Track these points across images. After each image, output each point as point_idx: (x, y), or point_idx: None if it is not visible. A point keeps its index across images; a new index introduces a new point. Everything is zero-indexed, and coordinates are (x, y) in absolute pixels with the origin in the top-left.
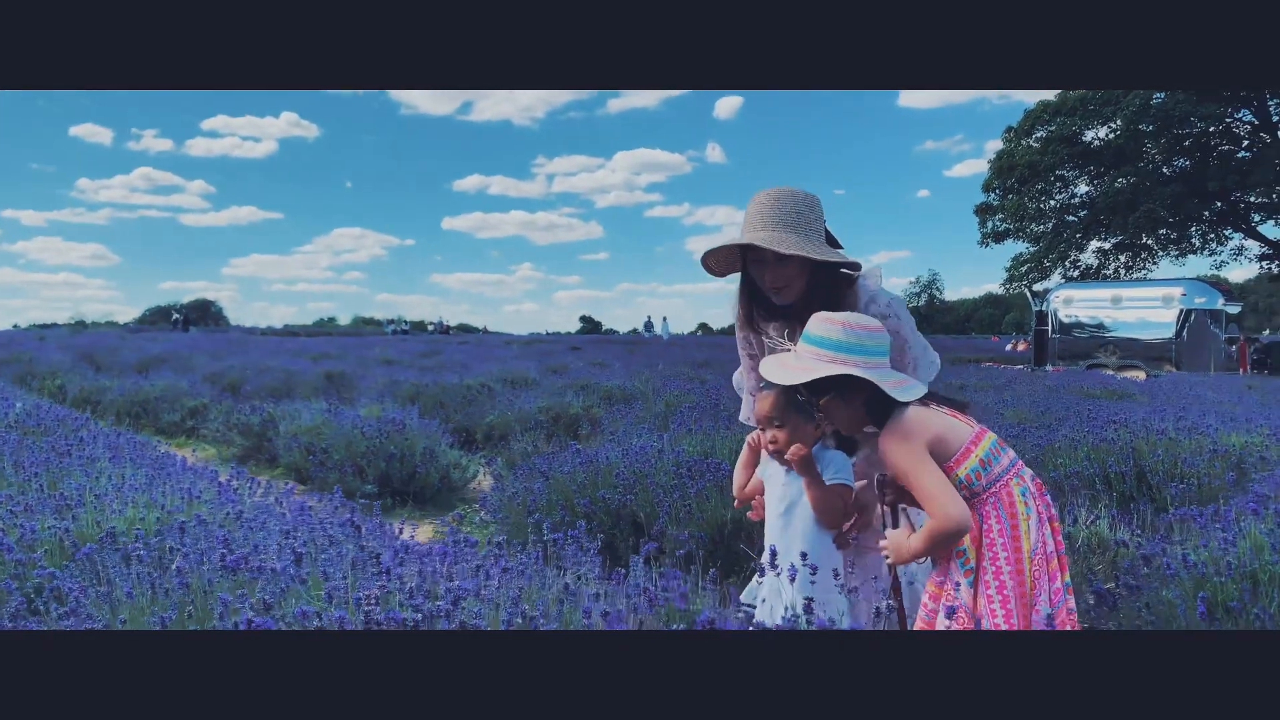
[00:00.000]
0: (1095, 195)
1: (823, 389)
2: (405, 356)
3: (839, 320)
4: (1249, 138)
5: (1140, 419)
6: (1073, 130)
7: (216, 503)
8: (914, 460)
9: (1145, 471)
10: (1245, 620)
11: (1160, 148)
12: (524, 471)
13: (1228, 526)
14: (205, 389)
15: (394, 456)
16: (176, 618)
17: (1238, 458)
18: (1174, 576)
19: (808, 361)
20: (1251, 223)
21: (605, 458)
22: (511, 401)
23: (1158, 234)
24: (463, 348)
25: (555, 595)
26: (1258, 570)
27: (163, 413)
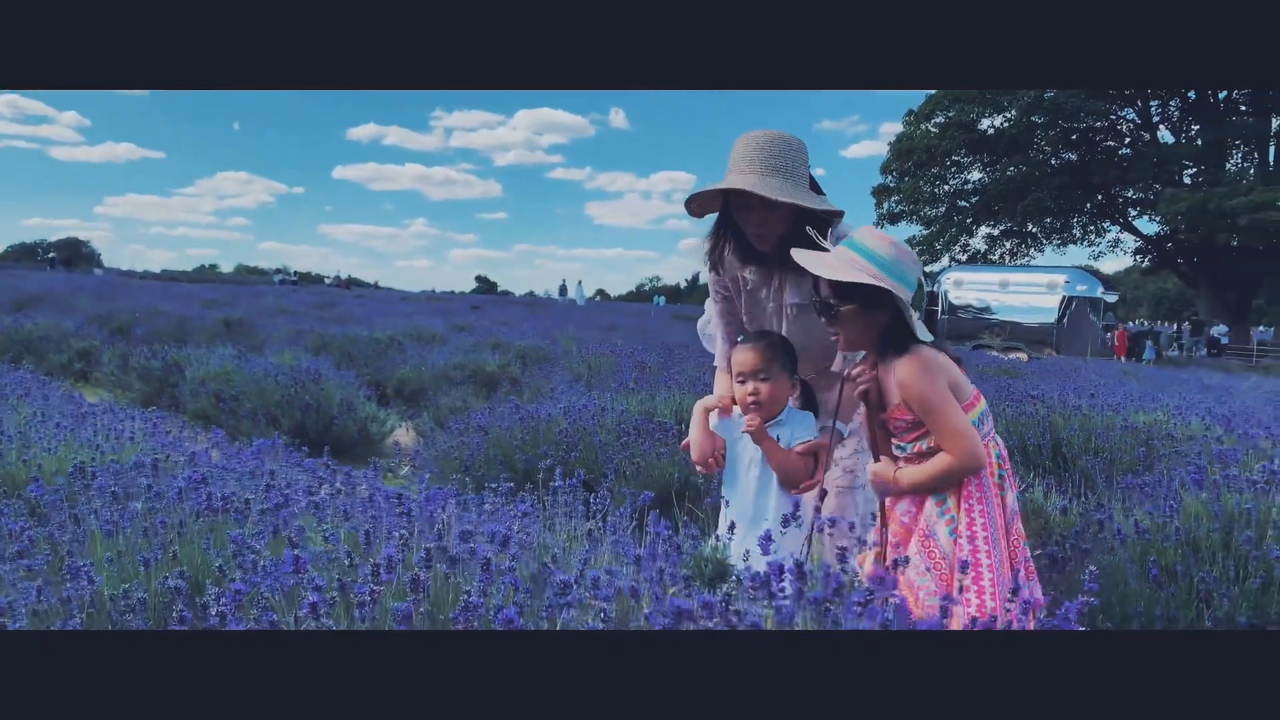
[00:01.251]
0: (987, 182)
1: (849, 296)
2: (300, 307)
3: (891, 240)
4: (1131, 135)
5: (1056, 396)
6: (970, 117)
7: (151, 445)
8: (941, 394)
9: (1061, 444)
10: (1189, 583)
11: (1050, 140)
12: (459, 427)
13: (1170, 495)
14: (94, 331)
15: (310, 406)
16: (161, 558)
17: (1146, 434)
18: (1122, 541)
19: (848, 266)
20: (1128, 217)
21: (545, 414)
22: (423, 357)
23: (1043, 223)
24: (359, 301)
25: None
26: (1199, 537)
27: (48, 353)
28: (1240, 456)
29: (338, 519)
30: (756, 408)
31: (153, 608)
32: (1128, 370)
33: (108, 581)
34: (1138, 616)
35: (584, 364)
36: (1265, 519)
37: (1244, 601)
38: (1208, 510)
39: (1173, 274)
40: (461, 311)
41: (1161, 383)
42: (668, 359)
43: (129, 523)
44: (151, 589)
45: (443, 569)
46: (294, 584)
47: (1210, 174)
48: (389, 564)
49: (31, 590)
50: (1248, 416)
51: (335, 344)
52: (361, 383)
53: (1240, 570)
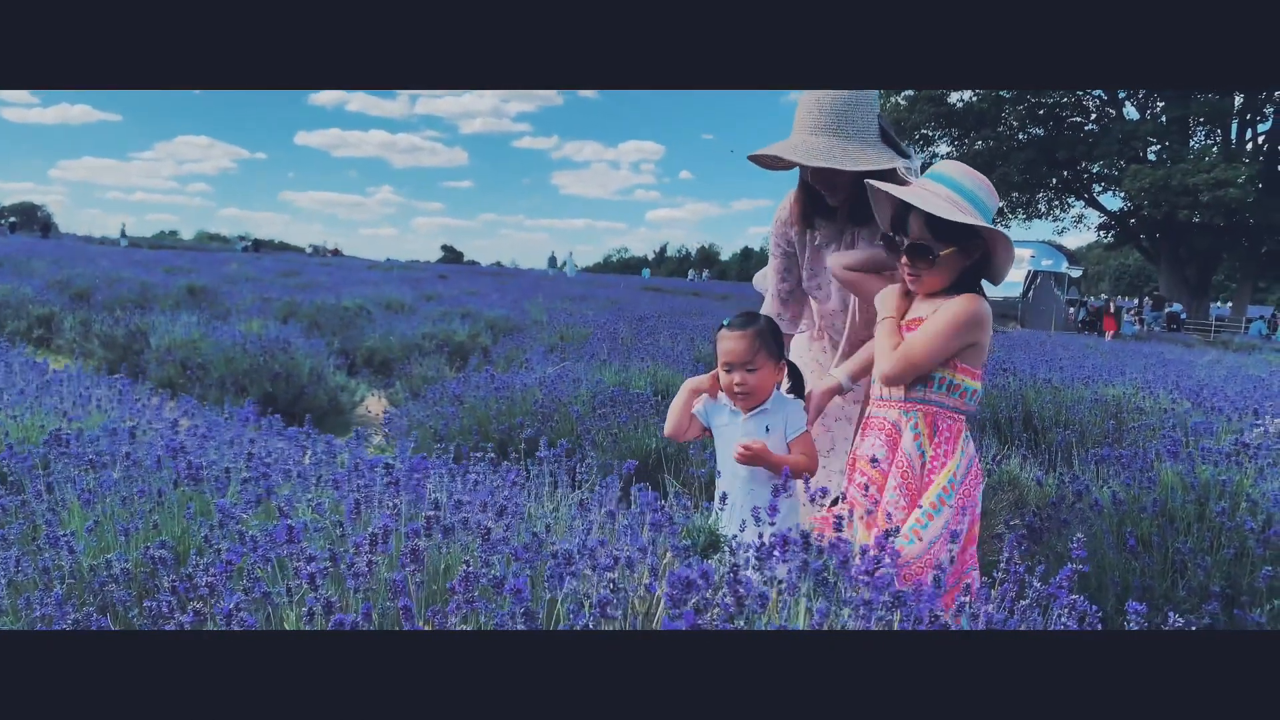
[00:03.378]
0: (955, 156)
1: (949, 238)
2: (266, 275)
3: (974, 172)
4: (1097, 112)
5: (1027, 369)
6: (939, 91)
7: (120, 413)
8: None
9: (1033, 417)
10: (1164, 553)
11: (1017, 115)
12: (433, 396)
13: (1146, 467)
14: (53, 296)
15: (279, 375)
16: (142, 527)
17: (1116, 407)
18: (1100, 512)
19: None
20: (1093, 192)
21: (521, 384)
22: (392, 326)
23: (1010, 197)
24: (325, 269)
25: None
26: (1174, 508)
27: (7, 320)
28: (1214, 429)
29: (324, 488)
30: (742, 397)
31: (135, 578)
32: (1090, 345)
33: (88, 551)
34: (1115, 586)
35: (556, 334)
36: (1239, 491)
37: (1217, 571)
38: (1183, 482)
39: (1135, 249)
40: (429, 280)
41: (1124, 357)
42: (640, 329)
43: (107, 491)
44: (133, 559)
45: (439, 537)
46: (286, 554)
47: (1173, 151)
48: (384, 534)
49: (10, 560)
50: (1214, 390)
51: (303, 312)
52: (330, 352)
53: (1215, 541)
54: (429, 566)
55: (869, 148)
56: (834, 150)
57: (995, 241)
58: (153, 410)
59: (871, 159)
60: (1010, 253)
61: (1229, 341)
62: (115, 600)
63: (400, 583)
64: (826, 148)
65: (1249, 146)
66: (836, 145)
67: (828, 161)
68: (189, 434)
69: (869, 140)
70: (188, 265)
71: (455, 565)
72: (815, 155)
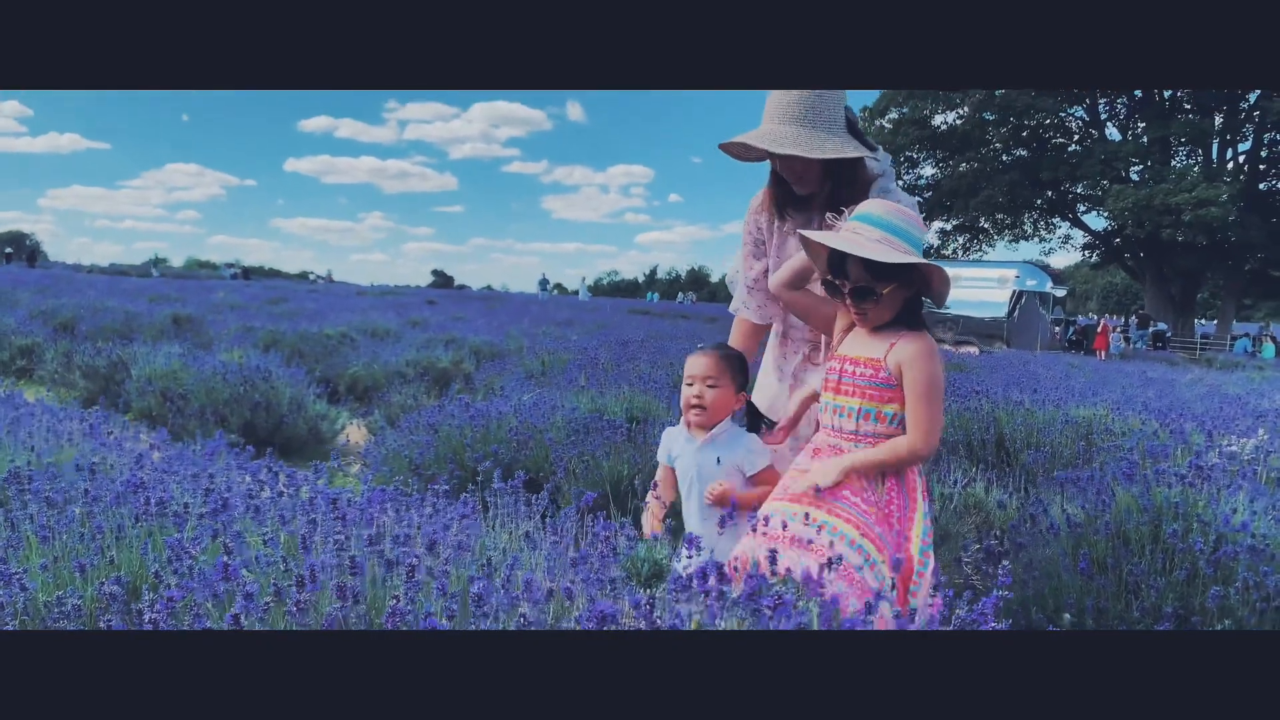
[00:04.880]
0: (940, 178)
1: (888, 277)
2: (253, 302)
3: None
4: (1080, 133)
5: (1000, 391)
6: (923, 114)
7: (90, 446)
8: (941, 384)
9: (1005, 439)
10: (1119, 575)
11: (1001, 137)
12: (409, 425)
13: (1103, 490)
14: (36, 327)
15: (259, 405)
16: (98, 563)
17: (1087, 428)
18: (1055, 535)
19: (885, 247)
20: (1077, 213)
21: (496, 412)
22: (375, 353)
23: (995, 218)
24: (312, 295)
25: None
26: (1129, 530)
27: None
28: (1170, 451)
29: (275, 523)
30: (698, 412)
31: (89, 614)
32: (1075, 364)
33: (42, 588)
34: (1069, 608)
35: (538, 361)
36: (1191, 513)
37: (1170, 593)
38: (1138, 504)
39: (1120, 269)
40: (416, 306)
41: (1106, 376)
42: (621, 355)
43: (64, 527)
44: (88, 595)
45: (381, 573)
46: (226, 590)
47: (1155, 171)
48: (312, 573)
49: None
50: (1183, 410)
51: (286, 341)
52: (312, 380)
53: (1168, 562)
54: (371, 600)
55: (835, 136)
56: (800, 138)
57: (931, 272)
58: (121, 444)
59: (838, 147)
60: (946, 279)
61: (1213, 359)
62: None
63: (336, 617)
64: (794, 136)
65: (1230, 166)
66: (803, 134)
67: (795, 149)
68: (154, 468)
69: (835, 130)
70: (174, 294)
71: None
72: (783, 143)
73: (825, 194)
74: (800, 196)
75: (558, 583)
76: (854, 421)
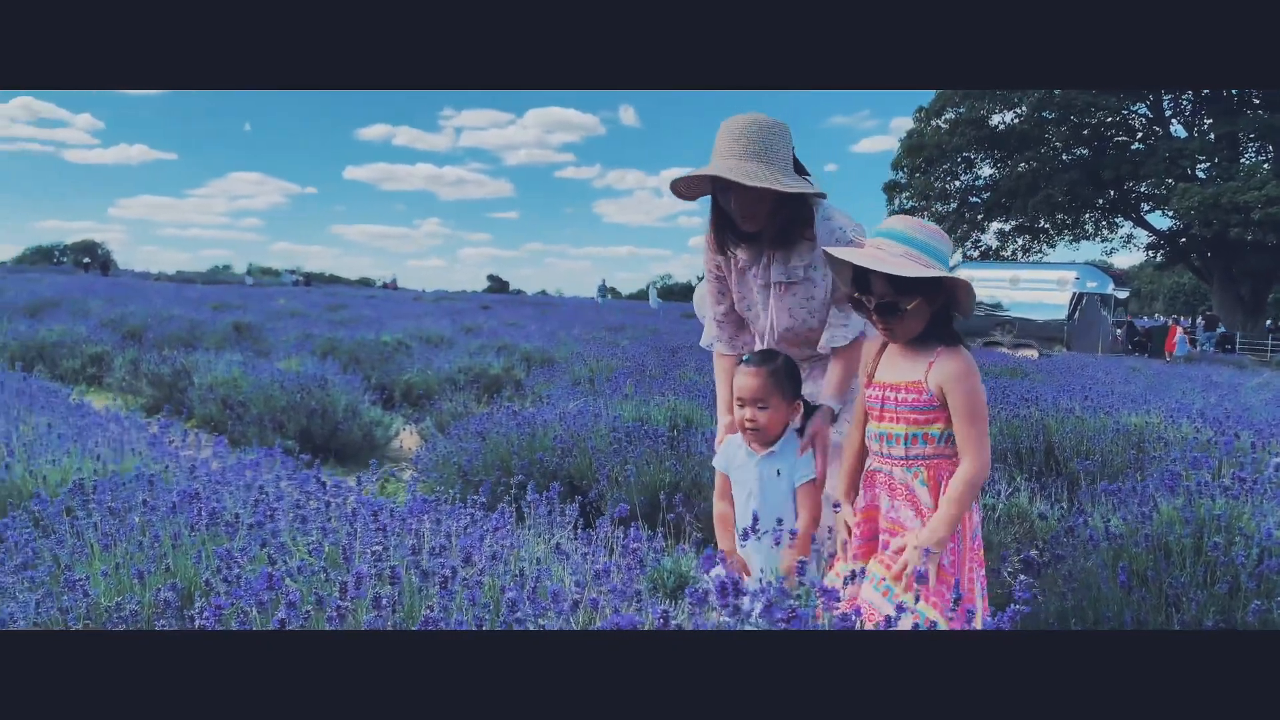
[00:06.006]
0: (998, 178)
1: (912, 291)
2: (312, 309)
3: (923, 223)
4: (1143, 130)
5: (1050, 398)
6: (980, 114)
7: (152, 455)
8: (982, 399)
9: (1054, 448)
10: (1158, 588)
11: (1061, 135)
12: (458, 432)
13: (1144, 501)
14: (106, 335)
15: (315, 412)
16: (155, 570)
17: (1138, 437)
18: (1095, 546)
19: (907, 261)
20: (1141, 212)
21: (542, 420)
22: (429, 360)
23: (1055, 218)
24: (370, 302)
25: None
26: (1170, 542)
27: (61, 359)
28: (1213, 463)
29: (319, 534)
30: (753, 434)
31: (146, 619)
32: (1137, 367)
33: (104, 593)
34: (1108, 620)
35: (586, 368)
36: (1233, 525)
37: (1211, 606)
38: (1180, 516)
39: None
40: (471, 312)
41: (1168, 380)
42: (669, 362)
43: (125, 536)
44: (145, 601)
45: (417, 582)
46: (270, 598)
47: (1223, 168)
48: (357, 581)
49: (31, 602)
50: (1241, 418)
51: (343, 348)
52: (367, 387)
53: (1209, 575)
54: (408, 608)
55: (789, 173)
56: (764, 173)
57: (956, 285)
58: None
59: (799, 183)
60: (971, 291)
61: None
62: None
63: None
64: (760, 172)
65: None
66: (764, 169)
67: (767, 183)
68: (209, 478)
69: (786, 166)
70: (236, 301)
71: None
72: (754, 177)
73: (774, 229)
74: (745, 232)
75: (585, 594)
76: (902, 446)
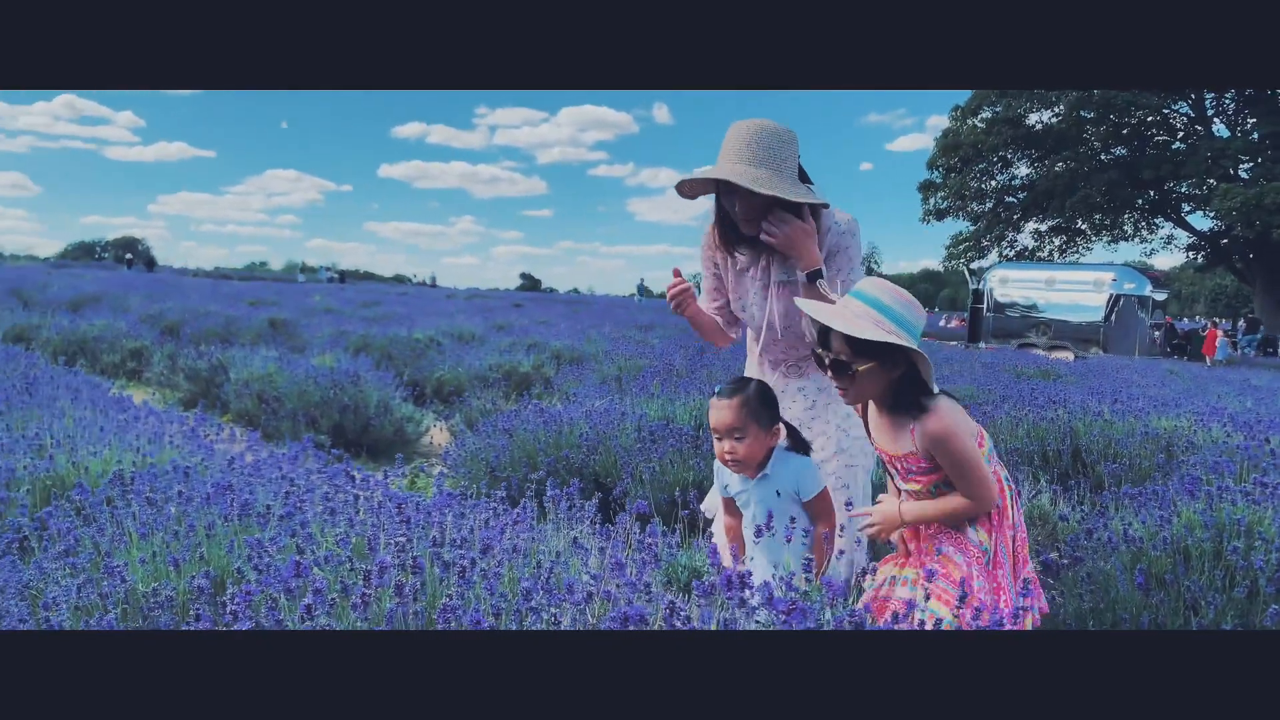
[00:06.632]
0: (1035, 178)
1: (868, 354)
2: (346, 306)
3: (897, 290)
4: (1185, 129)
5: (1078, 400)
6: (1017, 112)
7: (188, 448)
8: (971, 448)
9: (1081, 450)
10: (1176, 591)
11: (1099, 135)
12: (486, 429)
13: (1164, 505)
14: (145, 330)
15: (348, 408)
16: (190, 559)
17: (1167, 440)
18: (1114, 549)
19: (864, 320)
20: (1181, 213)
21: (568, 418)
22: (460, 357)
23: (1093, 219)
24: (403, 299)
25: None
26: (1190, 546)
27: (102, 353)
28: (1235, 468)
29: (346, 525)
30: (735, 465)
31: (180, 604)
32: (1174, 370)
33: (142, 580)
34: (1125, 622)
35: (615, 366)
36: (1254, 529)
37: (1230, 610)
38: (1200, 520)
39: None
40: (503, 310)
41: (1204, 383)
42: (697, 361)
43: (161, 526)
44: (180, 587)
45: (439, 573)
46: (298, 585)
47: (1266, 168)
48: (381, 570)
49: (73, 587)
50: (1273, 423)
51: (376, 345)
52: (399, 383)
53: (1228, 579)
54: (431, 597)
55: (796, 183)
56: (773, 180)
57: (916, 358)
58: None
59: (805, 194)
60: (929, 364)
61: None
62: (161, 624)
63: (395, 612)
64: (767, 178)
65: None
66: (771, 176)
67: (773, 190)
68: (243, 471)
69: (792, 174)
70: (273, 297)
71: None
72: (761, 183)
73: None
74: (744, 235)
75: (599, 586)
76: (930, 494)
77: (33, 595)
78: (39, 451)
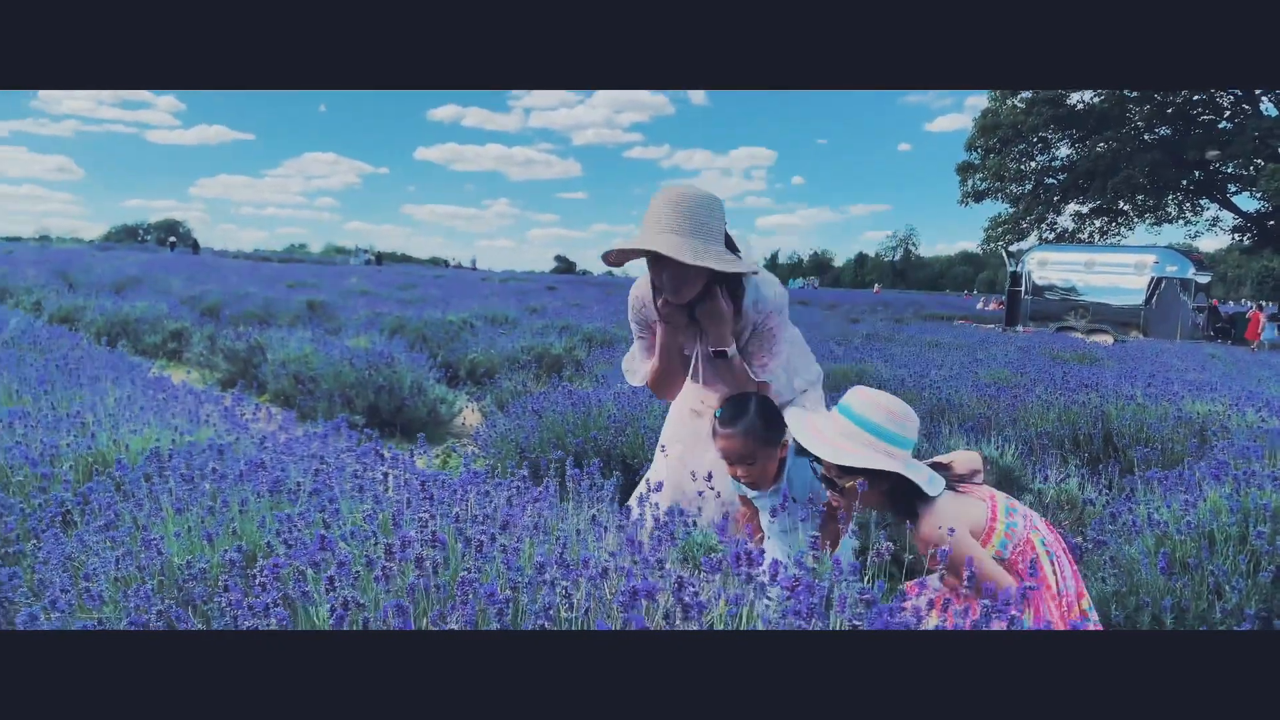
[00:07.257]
0: (1076, 158)
1: (854, 472)
2: (383, 288)
3: (883, 403)
4: (1231, 108)
5: (1111, 384)
6: (1058, 92)
7: (224, 427)
8: (970, 546)
9: (1113, 434)
10: (1200, 575)
11: (1143, 115)
12: (516, 410)
13: (1190, 489)
14: (185, 312)
15: (382, 388)
16: (223, 533)
17: (1201, 425)
18: (1138, 533)
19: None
20: (1227, 193)
21: (597, 399)
22: (493, 339)
23: (1135, 200)
24: (439, 282)
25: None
26: (1215, 530)
27: (144, 334)
28: (1262, 453)
29: (372, 502)
30: (750, 485)
31: (214, 576)
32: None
33: (177, 553)
34: (1147, 606)
35: None
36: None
37: (1254, 594)
38: (1226, 505)
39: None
40: (537, 293)
41: (1246, 368)
42: None
43: (196, 501)
44: (214, 560)
45: (460, 548)
46: (323, 559)
47: None
48: (403, 544)
49: (112, 560)
50: None
51: (411, 327)
52: (433, 365)
53: (1252, 564)
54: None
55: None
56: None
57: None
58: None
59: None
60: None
61: None
62: (195, 595)
63: (416, 584)
64: (697, 249)
65: None
66: (701, 246)
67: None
68: (276, 449)
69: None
70: (311, 279)
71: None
72: (692, 254)
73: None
74: None
75: (615, 562)
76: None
77: (74, 567)
78: (82, 429)
